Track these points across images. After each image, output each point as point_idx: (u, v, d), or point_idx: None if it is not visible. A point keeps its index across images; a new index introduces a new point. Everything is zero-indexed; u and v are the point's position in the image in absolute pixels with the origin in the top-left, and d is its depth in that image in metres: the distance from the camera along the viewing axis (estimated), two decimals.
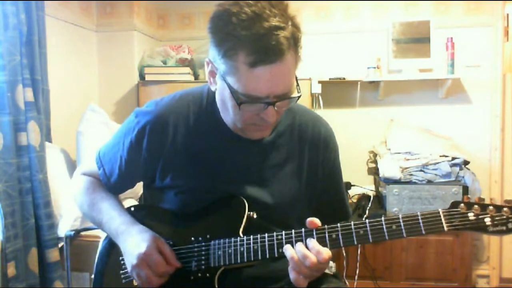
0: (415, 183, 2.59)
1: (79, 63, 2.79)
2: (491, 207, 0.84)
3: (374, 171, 3.06)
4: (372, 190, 2.94)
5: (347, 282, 2.62)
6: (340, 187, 1.19)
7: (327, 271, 1.17)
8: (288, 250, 0.91)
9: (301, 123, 1.13)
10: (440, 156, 2.62)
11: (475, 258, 2.90)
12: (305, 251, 0.89)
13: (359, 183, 2.95)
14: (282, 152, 1.10)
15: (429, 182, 2.58)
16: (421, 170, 2.61)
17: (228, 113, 1.00)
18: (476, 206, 0.85)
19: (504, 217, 0.83)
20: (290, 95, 0.95)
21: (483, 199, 0.86)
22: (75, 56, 2.75)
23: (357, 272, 2.63)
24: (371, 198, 2.78)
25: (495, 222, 0.83)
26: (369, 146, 3.06)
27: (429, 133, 2.89)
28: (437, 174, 2.59)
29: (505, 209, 0.83)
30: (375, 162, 2.92)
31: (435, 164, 2.60)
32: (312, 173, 1.12)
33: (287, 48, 0.88)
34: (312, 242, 0.90)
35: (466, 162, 2.67)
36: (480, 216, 0.84)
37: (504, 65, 2.86)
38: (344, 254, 2.64)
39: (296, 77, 0.96)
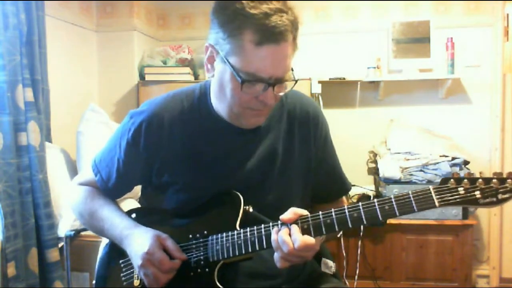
0: (415, 183, 2.59)
1: (79, 63, 2.79)
2: (480, 180, 0.84)
3: (374, 171, 3.06)
4: (372, 190, 2.94)
5: (347, 282, 2.62)
6: (335, 161, 1.20)
7: (327, 271, 1.17)
8: (273, 234, 0.93)
9: (289, 106, 1.13)
10: (440, 156, 2.63)
11: (475, 258, 2.90)
12: (285, 237, 0.91)
13: (359, 183, 2.95)
14: (274, 137, 1.10)
15: (429, 182, 2.58)
16: (421, 170, 2.61)
17: (225, 98, 1.00)
18: (465, 180, 0.85)
19: (494, 188, 0.83)
20: (288, 79, 0.98)
21: (473, 174, 0.86)
22: (75, 56, 2.75)
23: (357, 272, 2.64)
24: (371, 198, 2.76)
25: (485, 194, 0.83)
26: (369, 146, 3.06)
27: (429, 133, 2.89)
28: (437, 174, 2.59)
29: (494, 180, 0.83)
30: (375, 162, 2.92)
31: (435, 164, 2.60)
32: (305, 153, 1.13)
33: (290, 30, 0.92)
34: (293, 229, 0.92)
35: (466, 162, 2.67)
36: (470, 190, 0.84)
37: (504, 65, 2.86)
38: (344, 254, 2.64)
39: (292, 69, 0.99)
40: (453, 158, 2.61)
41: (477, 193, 0.84)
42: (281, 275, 1.09)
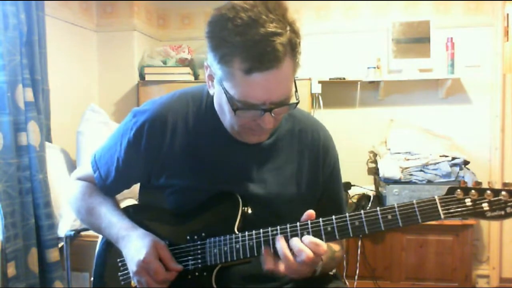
0: (415, 183, 2.59)
1: (79, 63, 2.79)
2: (488, 192, 0.80)
3: (374, 171, 3.06)
4: (372, 190, 2.94)
5: (347, 282, 2.62)
6: (339, 195, 1.18)
7: None
8: (279, 241, 0.91)
9: (301, 128, 1.12)
10: (440, 156, 2.62)
11: (475, 258, 2.90)
12: (301, 245, 0.88)
13: (359, 183, 2.95)
14: (281, 156, 1.09)
15: (429, 182, 2.58)
16: (421, 170, 2.61)
17: (225, 117, 1.00)
18: (473, 191, 0.81)
19: (502, 201, 0.79)
20: (288, 102, 0.93)
21: (481, 183, 0.82)
22: (75, 56, 2.75)
23: (357, 272, 2.64)
24: (371, 198, 2.78)
25: (493, 207, 0.79)
26: (369, 146, 3.06)
27: (429, 133, 2.89)
28: (437, 174, 2.59)
29: (503, 192, 0.79)
30: (375, 162, 2.92)
31: (435, 164, 2.60)
32: (312, 179, 1.11)
33: (283, 54, 0.86)
34: (308, 238, 0.89)
35: (466, 162, 2.66)
36: (478, 202, 0.80)
37: (504, 65, 2.86)
38: (344, 254, 2.63)
39: (295, 83, 0.95)
40: (453, 158, 2.60)
41: (485, 206, 0.80)
42: (280, 278, 1.08)
